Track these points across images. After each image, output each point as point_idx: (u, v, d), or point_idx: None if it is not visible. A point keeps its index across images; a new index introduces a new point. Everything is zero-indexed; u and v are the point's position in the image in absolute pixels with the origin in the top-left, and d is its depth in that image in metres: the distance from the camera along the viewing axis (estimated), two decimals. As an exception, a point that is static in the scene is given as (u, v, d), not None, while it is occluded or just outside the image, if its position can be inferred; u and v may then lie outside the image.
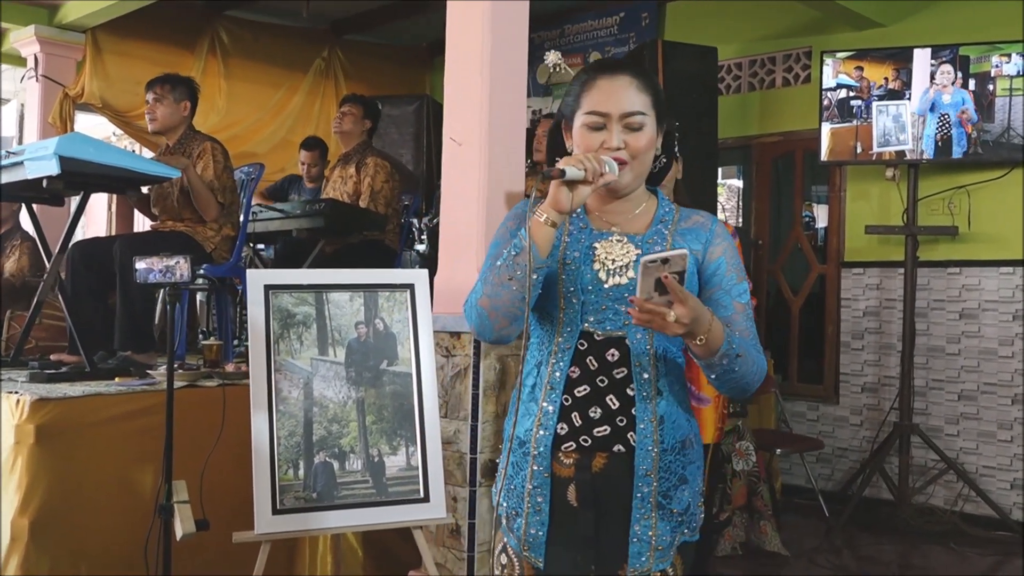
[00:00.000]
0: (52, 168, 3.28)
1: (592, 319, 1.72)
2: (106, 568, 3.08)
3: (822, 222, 6.38)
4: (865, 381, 5.71)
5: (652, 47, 5.34)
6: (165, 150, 4.36)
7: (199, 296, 5.35)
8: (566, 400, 1.73)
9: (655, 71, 5.26)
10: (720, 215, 6.57)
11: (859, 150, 5.30)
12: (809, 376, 6.03)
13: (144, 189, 4.20)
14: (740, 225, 6.51)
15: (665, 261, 1.49)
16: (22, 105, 7.50)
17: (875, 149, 5.28)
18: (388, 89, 7.27)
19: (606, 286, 1.71)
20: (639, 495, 1.71)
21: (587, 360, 1.73)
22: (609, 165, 1.65)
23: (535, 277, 1.63)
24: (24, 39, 6.44)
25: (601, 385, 1.72)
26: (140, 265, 2.85)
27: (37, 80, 6.39)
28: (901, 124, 5.21)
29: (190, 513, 2.76)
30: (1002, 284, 5.19)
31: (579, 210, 1.76)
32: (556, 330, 1.75)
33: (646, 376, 1.71)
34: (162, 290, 2.83)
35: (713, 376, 1.67)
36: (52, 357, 3.88)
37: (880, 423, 5.48)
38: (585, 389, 1.72)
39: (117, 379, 3.49)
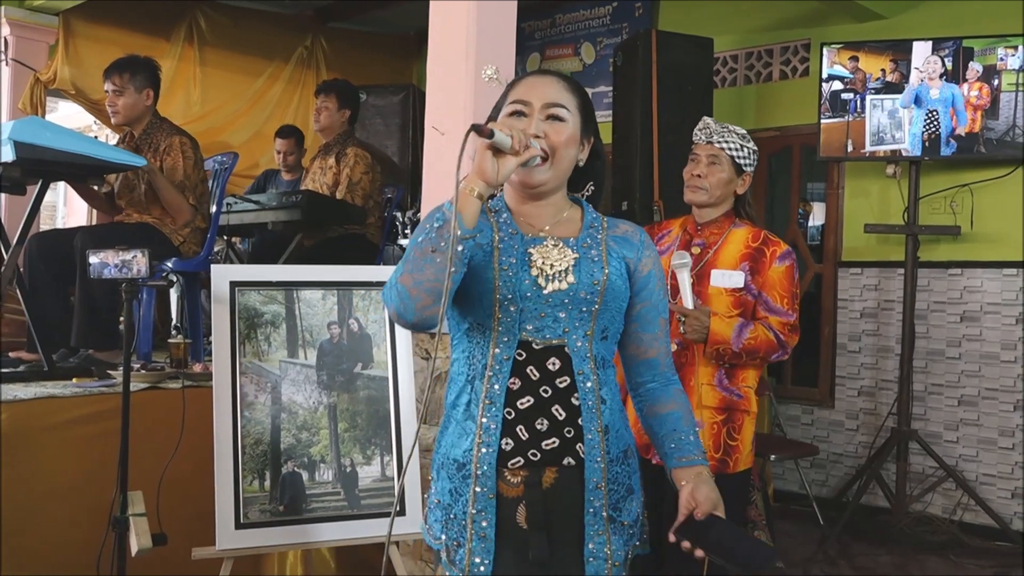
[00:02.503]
0: (7, 154, 3.10)
1: (530, 327, 1.65)
2: (57, 584, 2.88)
3: (819, 220, 6.21)
4: (862, 385, 5.55)
5: (646, 38, 5.17)
6: (129, 139, 4.14)
7: (173, 290, 5.15)
8: (508, 414, 1.63)
9: (649, 62, 5.10)
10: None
11: (850, 148, 5.12)
12: (804, 379, 5.86)
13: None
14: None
15: None
16: (-10, 89, 7.26)
17: (868, 148, 5.10)
18: (374, 79, 7.06)
19: (545, 292, 1.64)
20: (591, 510, 1.64)
21: (527, 371, 1.65)
22: (535, 145, 1.62)
23: (460, 249, 1.53)
24: (-7, 20, 6.21)
25: (545, 396, 1.64)
26: (94, 259, 2.66)
27: (7, 64, 6.15)
28: (897, 120, 5.03)
29: (147, 527, 2.60)
30: (1005, 286, 5.03)
31: (505, 215, 1.72)
32: (491, 341, 1.65)
33: (589, 384, 1.65)
34: (121, 286, 2.61)
35: None
36: (11, 355, 3.69)
37: (877, 428, 5.32)
38: (528, 400, 1.64)
39: (75, 380, 3.29)
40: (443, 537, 1.67)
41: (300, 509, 2.72)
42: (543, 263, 1.66)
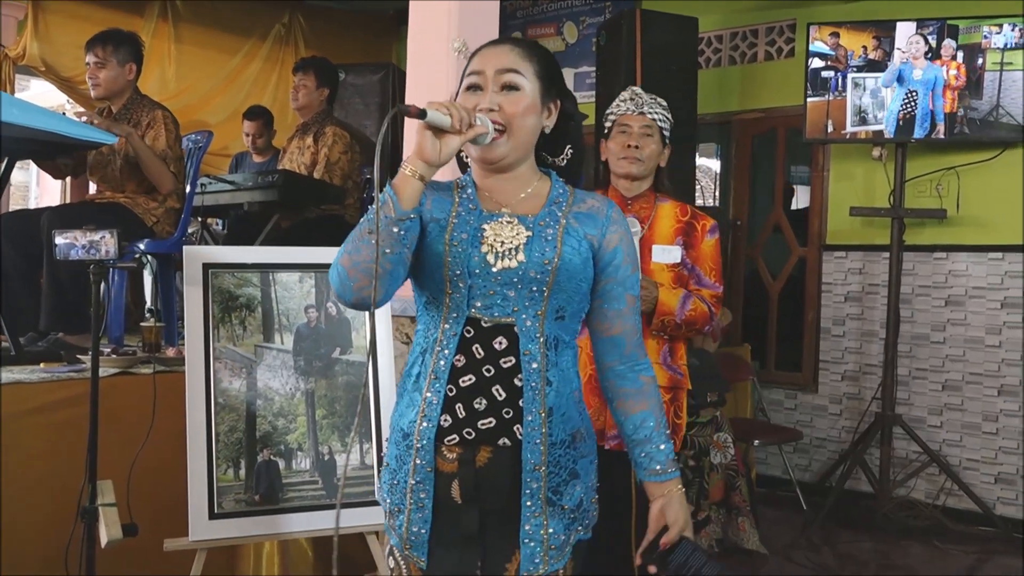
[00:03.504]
0: (-32, 131, 2.96)
1: (479, 304, 1.63)
2: (23, 575, 2.77)
3: (803, 203, 6.15)
4: (846, 369, 5.51)
5: (630, 16, 5.08)
6: (107, 114, 4.01)
7: (147, 272, 5.03)
8: (450, 390, 1.63)
9: (633, 42, 5.01)
10: (699, 194, 6.32)
11: (831, 128, 5.04)
12: (787, 363, 5.82)
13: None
14: (717, 205, 6.27)
15: None
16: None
17: (849, 128, 5.03)
18: (352, 58, 6.92)
19: (494, 269, 1.62)
20: (528, 491, 1.62)
21: (473, 348, 1.63)
22: (483, 120, 1.59)
23: (397, 231, 1.53)
24: (-41, -6, 6.04)
25: (487, 375, 1.62)
26: (60, 240, 2.54)
27: (-26, 39, 5.98)
28: (879, 100, 4.96)
29: (116, 517, 2.50)
30: (990, 270, 5.00)
31: (470, 190, 1.71)
32: (442, 316, 1.65)
33: (535, 366, 1.62)
34: (89, 268, 2.51)
35: None
36: (-23, 338, 3.57)
37: (861, 413, 5.29)
38: (470, 379, 1.62)
39: (43, 364, 3.18)
40: (388, 500, 1.70)
41: (276, 499, 2.64)
42: (494, 240, 1.63)
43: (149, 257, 3.97)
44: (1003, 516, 4.86)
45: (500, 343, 1.62)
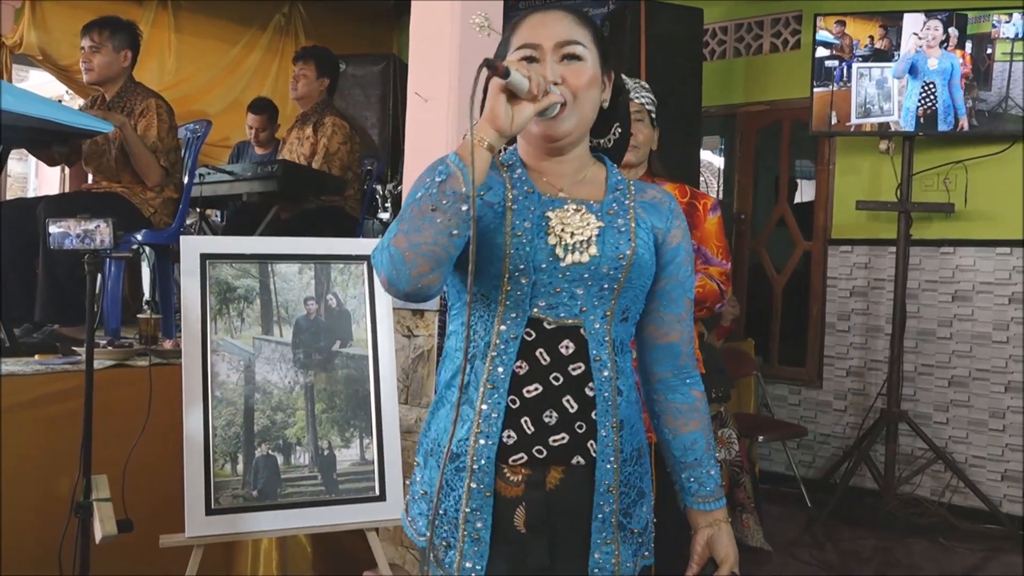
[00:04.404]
0: (-39, 119, 2.91)
1: (543, 304, 1.44)
2: (15, 571, 2.72)
3: (808, 196, 6.09)
4: (850, 365, 5.46)
5: (634, 7, 5.02)
6: (100, 103, 3.96)
7: (146, 263, 4.98)
8: (512, 402, 1.43)
9: (637, 32, 4.95)
10: (702, 188, 6.27)
11: (834, 120, 4.98)
12: (792, 358, 5.76)
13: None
14: (722, 199, 6.21)
15: None
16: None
17: (853, 120, 4.97)
18: (353, 48, 6.86)
19: (563, 264, 1.43)
20: (599, 516, 1.45)
21: (536, 353, 1.44)
22: (556, 90, 1.41)
23: (466, 209, 1.32)
24: (-46, -19, 5.97)
25: (556, 384, 1.43)
26: (55, 229, 2.49)
27: (-29, 27, 5.93)
28: (886, 91, 4.89)
29: (111, 512, 2.44)
30: (998, 265, 4.94)
31: (519, 169, 1.50)
32: (496, 316, 1.44)
33: (606, 373, 1.45)
34: (83, 258, 2.45)
35: None
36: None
37: (866, 409, 5.24)
38: (537, 388, 1.43)
39: (37, 356, 3.13)
40: (429, 534, 1.48)
41: (274, 494, 2.58)
42: (563, 230, 1.44)
43: (146, 248, 3.91)
44: (1009, 514, 4.80)
45: (567, 347, 1.44)
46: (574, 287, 1.44)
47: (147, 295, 5.13)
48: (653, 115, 2.79)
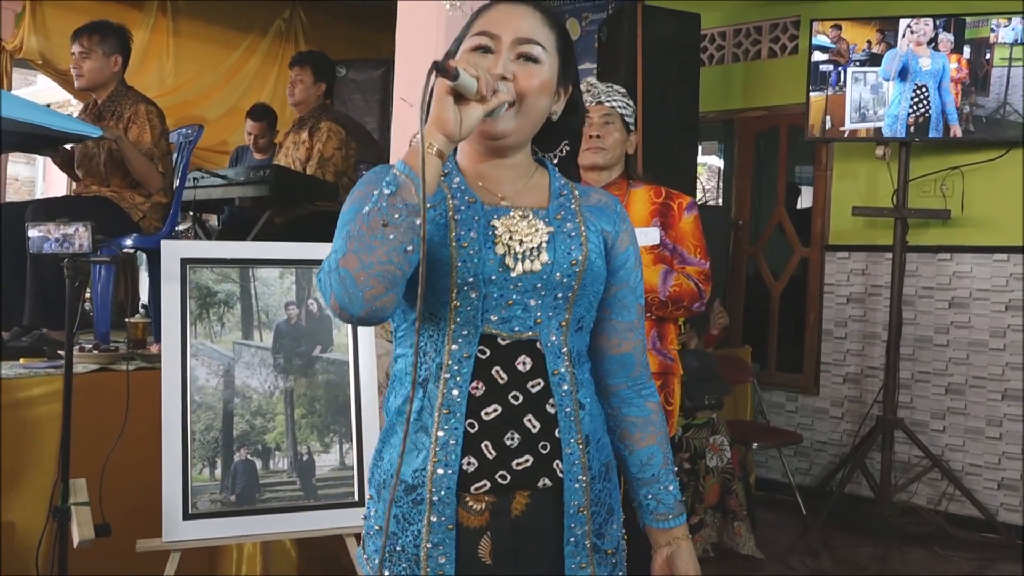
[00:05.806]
0: (-49, 123, 2.92)
1: (495, 318, 1.35)
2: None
3: (807, 202, 6.07)
4: (847, 372, 5.43)
5: (631, 11, 5.00)
6: (92, 107, 3.97)
7: (142, 267, 4.99)
8: (471, 426, 1.33)
9: (634, 36, 4.94)
10: (699, 194, 6.25)
11: (828, 125, 4.95)
12: (788, 365, 5.74)
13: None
14: (720, 204, 6.20)
15: None
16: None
17: (848, 125, 4.94)
18: (353, 53, 6.87)
19: (514, 274, 1.34)
20: (572, 539, 1.37)
21: (493, 372, 1.35)
22: (506, 88, 1.32)
23: (419, 223, 1.23)
24: (-45, -14, 6.01)
25: (515, 403, 1.35)
26: (34, 233, 2.50)
27: (-29, 31, 5.96)
28: (880, 96, 4.86)
29: (89, 516, 2.44)
30: (995, 272, 4.91)
31: (457, 178, 1.40)
32: (446, 335, 1.34)
33: (566, 387, 1.37)
34: (63, 263, 2.46)
35: None
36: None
37: (862, 416, 5.21)
38: (496, 410, 1.34)
39: (22, 360, 3.14)
40: (387, 574, 1.37)
41: (253, 499, 2.58)
42: (511, 238, 1.35)
43: (139, 252, 3.92)
44: (1006, 522, 4.76)
45: (524, 363, 1.36)
46: (527, 298, 1.36)
47: (144, 299, 5.15)
48: (627, 119, 2.78)
